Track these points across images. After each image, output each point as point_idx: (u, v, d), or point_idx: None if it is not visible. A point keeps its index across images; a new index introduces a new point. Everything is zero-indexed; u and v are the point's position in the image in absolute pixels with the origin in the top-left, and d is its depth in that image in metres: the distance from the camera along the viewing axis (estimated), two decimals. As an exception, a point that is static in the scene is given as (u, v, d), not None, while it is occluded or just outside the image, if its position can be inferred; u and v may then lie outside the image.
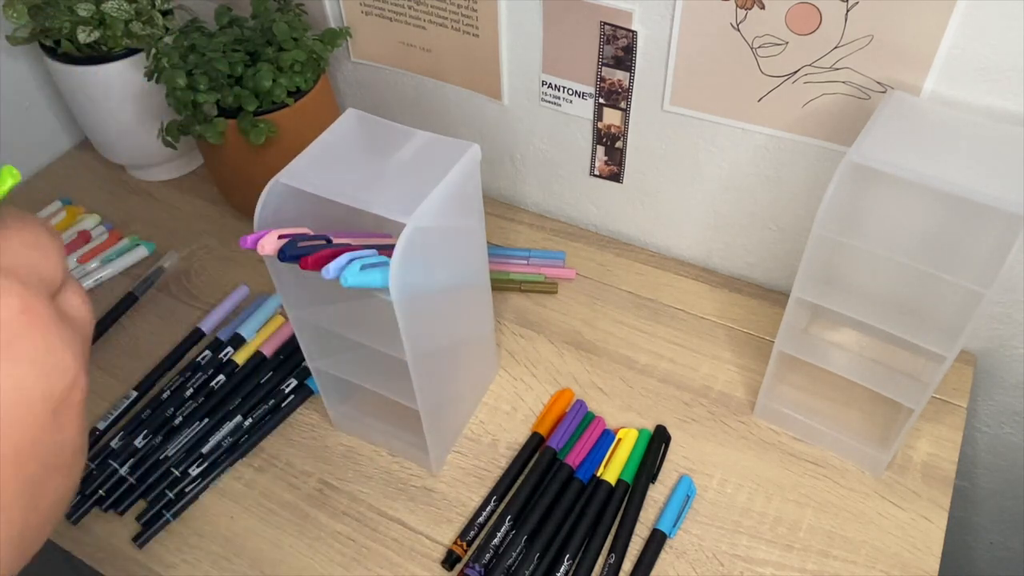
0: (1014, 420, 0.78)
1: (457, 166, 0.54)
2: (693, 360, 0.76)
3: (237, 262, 0.87)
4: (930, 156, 0.53)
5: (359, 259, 0.49)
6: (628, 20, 0.69)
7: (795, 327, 0.66)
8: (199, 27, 0.79)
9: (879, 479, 0.66)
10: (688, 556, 0.62)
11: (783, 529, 0.64)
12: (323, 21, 0.86)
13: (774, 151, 0.72)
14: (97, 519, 0.67)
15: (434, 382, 0.61)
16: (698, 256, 0.86)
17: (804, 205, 0.74)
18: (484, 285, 0.67)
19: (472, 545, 0.63)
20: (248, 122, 0.75)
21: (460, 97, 0.86)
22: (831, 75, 0.63)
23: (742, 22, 0.64)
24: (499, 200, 0.94)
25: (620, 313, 0.80)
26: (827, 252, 0.57)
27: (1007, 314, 0.71)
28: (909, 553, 0.62)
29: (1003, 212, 0.49)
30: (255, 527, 0.66)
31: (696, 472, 0.67)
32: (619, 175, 0.83)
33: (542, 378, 0.75)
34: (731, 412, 0.72)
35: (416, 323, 0.54)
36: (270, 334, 0.77)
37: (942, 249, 0.55)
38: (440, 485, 0.68)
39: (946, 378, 0.71)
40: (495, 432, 0.71)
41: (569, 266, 0.85)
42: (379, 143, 0.57)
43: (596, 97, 0.77)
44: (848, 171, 0.53)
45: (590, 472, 0.66)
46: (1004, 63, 0.57)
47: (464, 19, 0.77)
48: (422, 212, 0.50)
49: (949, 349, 0.54)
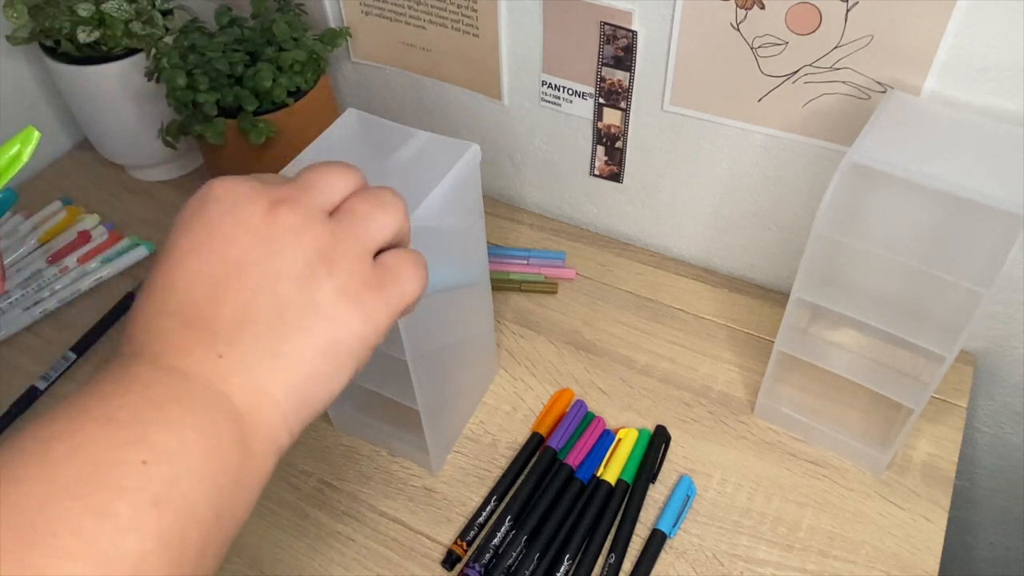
0: (1014, 420, 0.78)
1: (457, 166, 0.54)
2: (693, 360, 0.76)
3: (237, 262, 0.87)
4: (930, 156, 0.53)
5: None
6: (628, 20, 0.69)
7: (795, 327, 0.66)
8: (199, 27, 0.79)
9: (879, 479, 0.66)
10: (688, 556, 0.62)
11: (783, 529, 0.64)
12: (323, 21, 0.86)
13: (774, 151, 0.72)
14: (97, 519, 0.67)
15: (434, 382, 0.61)
16: (698, 256, 0.86)
17: (804, 205, 0.74)
18: (484, 285, 0.67)
19: (472, 545, 0.63)
20: (248, 122, 0.75)
21: (460, 97, 0.86)
22: (831, 75, 0.63)
23: (742, 22, 0.64)
24: (499, 200, 0.94)
25: (620, 313, 0.80)
26: (827, 252, 0.57)
27: (1007, 314, 0.71)
28: (909, 553, 0.62)
29: (1003, 212, 0.49)
30: (255, 527, 0.66)
31: (696, 472, 0.67)
32: (619, 175, 0.83)
33: (542, 378, 0.75)
34: (731, 412, 0.72)
35: (416, 323, 0.54)
36: (270, 334, 0.77)
37: (942, 249, 0.55)
38: (440, 485, 0.68)
39: (946, 378, 0.71)
40: (495, 432, 0.71)
41: (569, 266, 0.85)
42: (379, 143, 0.57)
43: (596, 97, 0.77)
44: (848, 171, 0.53)
45: (590, 472, 0.66)
46: (1004, 63, 0.57)
47: (464, 19, 0.77)
48: (422, 212, 0.50)
49: (949, 349, 0.54)
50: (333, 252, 0.30)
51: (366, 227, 0.32)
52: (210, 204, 0.30)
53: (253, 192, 0.30)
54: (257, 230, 0.29)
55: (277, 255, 0.29)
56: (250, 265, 0.29)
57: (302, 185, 0.32)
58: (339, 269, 0.30)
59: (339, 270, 0.30)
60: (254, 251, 0.29)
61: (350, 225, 0.31)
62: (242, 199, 0.30)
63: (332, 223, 0.31)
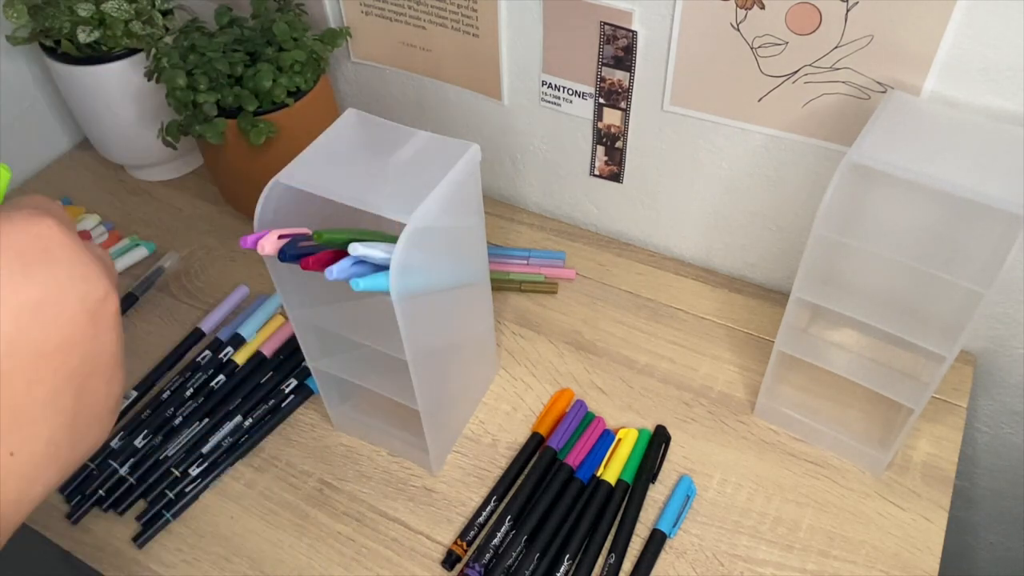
0: (1014, 420, 0.78)
1: (457, 166, 0.54)
2: (693, 360, 0.76)
3: (237, 262, 0.87)
4: (930, 156, 0.53)
5: (364, 262, 0.49)
6: (628, 20, 0.69)
7: (795, 327, 0.66)
8: (199, 27, 0.79)
9: (879, 479, 0.66)
10: (688, 556, 0.62)
11: (783, 529, 0.64)
12: (323, 21, 0.86)
13: (774, 151, 0.72)
14: (97, 519, 0.67)
15: (434, 382, 0.61)
16: (698, 256, 0.86)
17: (804, 205, 0.74)
18: (484, 285, 0.67)
19: (472, 545, 0.63)
20: (248, 122, 0.75)
21: (460, 97, 0.86)
22: (831, 75, 0.63)
23: (742, 22, 0.64)
24: (499, 200, 0.94)
25: (620, 313, 0.80)
26: (827, 252, 0.57)
27: (1007, 314, 0.71)
28: (909, 553, 0.62)
29: (1003, 212, 0.49)
30: (255, 527, 0.66)
31: (696, 472, 0.67)
32: (619, 175, 0.83)
33: (542, 378, 0.75)
34: (731, 412, 0.72)
35: (416, 323, 0.54)
36: (270, 334, 0.77)
37: (942, 249, 0.55)
38: (440, 485, 0.68)
39: (946, 378, 0.71)
40: (495, 432, 0.71)
41: (569, 266, 0.85)
42: (379, 143, 0.57)
43: (596, 97, 0.77)
44: (848, 171, 0.53)
45: (590, 472, 0.66)
46: (1004, 63, 0.57)
47: (464, 19, 0.77)
48: (422, 212, 0.50)
49: (949, 349, 0.54)
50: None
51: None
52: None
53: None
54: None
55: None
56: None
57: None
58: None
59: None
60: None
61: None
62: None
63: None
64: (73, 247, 0.30)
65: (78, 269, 0.30)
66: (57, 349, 0.29)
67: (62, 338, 0.29)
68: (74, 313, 0.29)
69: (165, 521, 0.66)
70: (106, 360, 0.31)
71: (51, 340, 0.28)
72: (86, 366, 0.30)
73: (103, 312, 0.31)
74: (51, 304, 0.28)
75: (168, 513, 0.66)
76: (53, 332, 0.28)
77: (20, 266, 0.28)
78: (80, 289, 0.30)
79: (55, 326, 0.28)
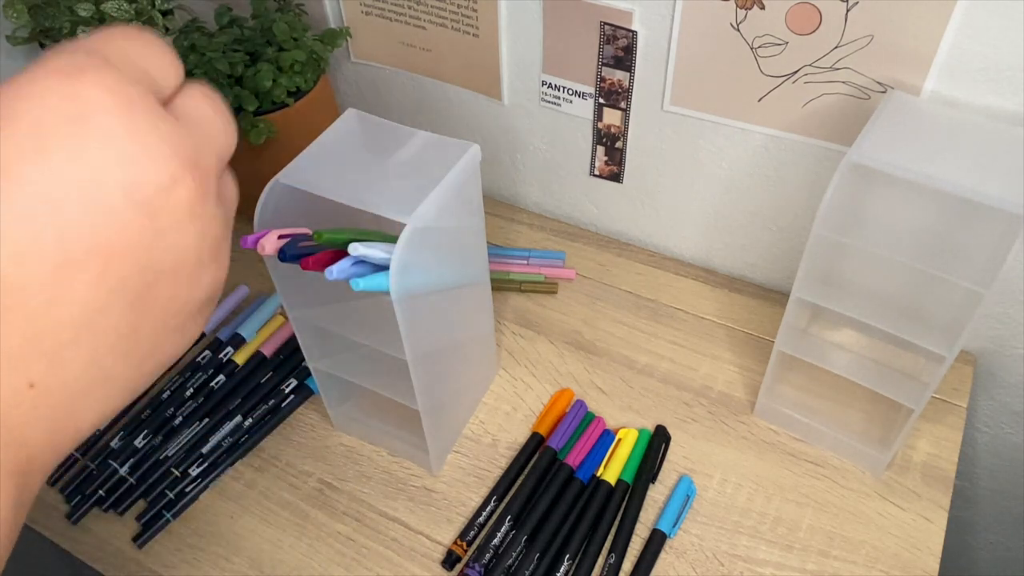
0: (1014, 420, 0.78)
1: (457, 166, 0.54)
2: (693, 360, 0.76)
3: (237, 262, 0.87)
4: (930, 156, 0.53)
5: (364, 262, 0.49)
6: (628, 20, 0.69)
7: (795, 327, 0.66)
8: (199, 27, 0.79)
9: (879, 479, 0.66)
10: (688, 556, 0.62)
11: (783, 529, 0.64)
12: (323, 21, 0.86)
13: (774, 151, 0.72)
14: (97, 519, 0.67)
15: (434, 382, 0.61)
16: (698, 256, 0.86)
17: (804, 205, 0.74)
18: (484, 285, 0.67)
19: (472, 545, 0.63)
20: (248, 122, 0.75)
21: (460, 97, 0.86)
22: (831, 75, 0.63)
23: (742, 22, 0.64)
24: (499, 200, 0.94)
25: (620, 313, 0.80)
26: (827, 252, 0.57)
27: (1007, 314, 0.71)
28: (909, 553, 0.62)
29: (1003, 212, 0.49)
30: (255, 527, 0.66)
31: (696, 472, 0.67)
32: (619, 175, 0.83)
33: (542, 378, 0.75)
34: (731, 412, 0.72)
35: (416, 323, 0.54)
36: (270, 334, 0.77)
37: (942, 249, 0.55)
38: (440, 485, 0.68)
39: (946, 378, 0.71)
40: (495, 432, 0.71)
41: (569, 266, 0.85)
42: (379, 143, 0.57)
43: (596, 97, 0.77)
44: (848, 171, 0.53)
45: (590, 472, 0.66)
46: (1004, 63, 0.57)
47: (464, 19, 0.77)
48: (422, 212, 0.50)
49: (949, 349, 0.54)
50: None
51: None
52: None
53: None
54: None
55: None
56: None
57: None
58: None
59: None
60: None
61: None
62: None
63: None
64: (123, 115, 0.21)
65: (125, 146, 0.21)
66: (89, 254, 0.21)
67: (96, 240, 0.21)
68: (114, 206, 0.21)
69: (165, 521, 0.66)
70: (180, 262, 0.24)
71: (77, 243, 0.21)
72: (146, 274, 0.23)
73: (168, 204, 0.22)
74: (75, 194, 0.21)
75: (168, 513, 0.66)
76: (80, 232, 0.21)
77: (33, 143, 0.20)
78: (126, 174, 0.21)
79: (84, 224, 0.21)
